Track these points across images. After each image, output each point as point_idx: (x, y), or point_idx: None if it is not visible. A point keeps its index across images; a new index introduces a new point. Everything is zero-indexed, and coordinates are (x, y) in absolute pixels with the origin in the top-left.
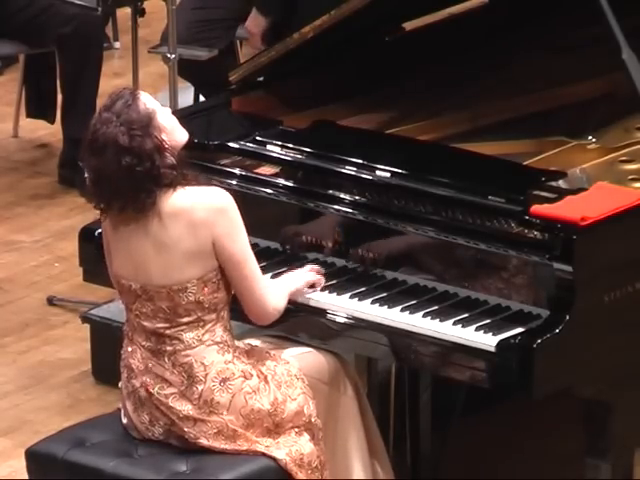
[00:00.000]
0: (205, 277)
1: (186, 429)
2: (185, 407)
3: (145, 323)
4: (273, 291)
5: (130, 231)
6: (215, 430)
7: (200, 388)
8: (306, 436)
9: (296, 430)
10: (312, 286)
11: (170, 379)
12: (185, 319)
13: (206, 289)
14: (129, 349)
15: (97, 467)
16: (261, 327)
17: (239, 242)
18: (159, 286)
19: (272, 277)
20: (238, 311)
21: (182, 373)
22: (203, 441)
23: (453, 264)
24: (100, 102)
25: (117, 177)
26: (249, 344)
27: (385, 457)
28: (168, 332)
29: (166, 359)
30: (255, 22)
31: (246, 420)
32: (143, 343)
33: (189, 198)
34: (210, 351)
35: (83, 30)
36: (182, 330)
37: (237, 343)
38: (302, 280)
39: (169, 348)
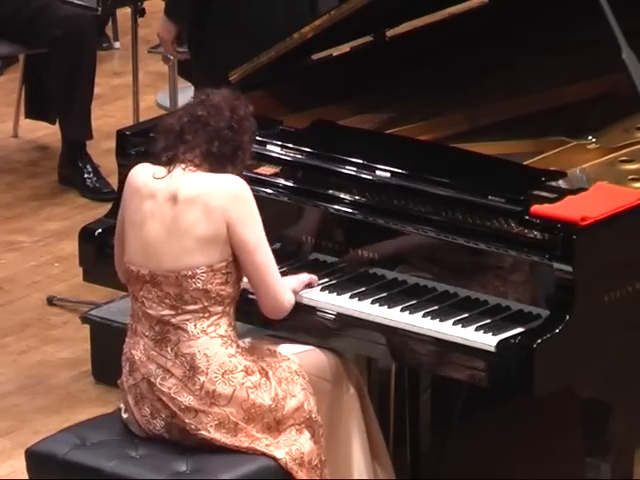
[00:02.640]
0: (215, 266)
1: (187, 420)
2: (186, 398)
3: (150, 311)
4: (285, 285)
5: (148, 216)
6: (216, 422)
7: (202, 379)
8: (306, 434)
9: (296, 427)
10: (309, 285)
11: (172, 369)
12: (191, 307)
13: (215, 279)
14: (131, 341)
15: (97, 467)
16: (271, 323)
17: (253, 229)
18: (168, 271)
19: None
20: (241, 311)
21: (184, 364)
22: (204, 433)
23: (453, 264)
24: (100, 103)
25: (220, 114)
26: (249, 342)
27: (386, 456)
28: (173, 321)
29: (169, 349)
30: (165, 28)
31: (247, 414)
32: (147, 333)
33: (206, 184)
34: (214, 343)
35: (75, 32)
36: (187, 320)
37: (239, 341)
38: (297, 281)
39: (173, 337)
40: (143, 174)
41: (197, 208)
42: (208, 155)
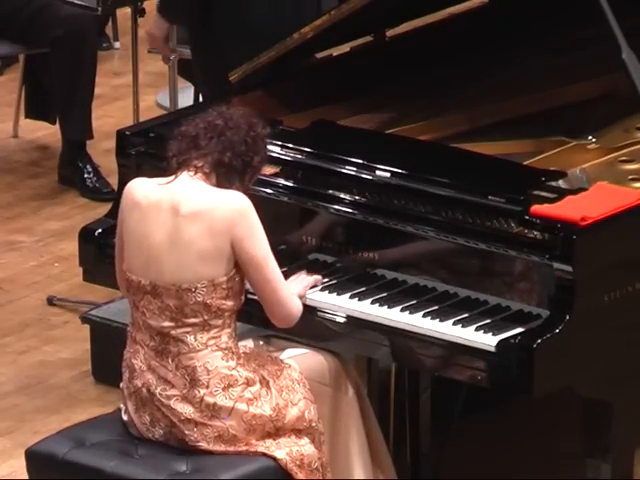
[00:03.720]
0: (216, 281)
1: (187, 432)
2: (187, 410)
3: (150, 321)
4: (294, 294)
5: (149, 228)
6: (216, 434)
7: (202, 392)
8: (306, 439)
9: (296, 434)
10: (313, 286)
11: (173, 381)
12: (191, 320)
13: (215, 294)
14: (131, 349)
15: (97, 467)
16: (271, 323)
17: (259, 244)
18: (169, 283)
19: None
20: (241, 311)
21: (185, 376)
22: (203, 444)
23: (453, 264)
24: (100, 103)
25: (236, 127)
26: (250, 347)
27: (387, 458)
28: (173, 333)
29: (170, 360)
30: (157, 26)
31: (247, 426)
32: (147, 342)
33: (209, 199)
34: (214, 356)
35: (76, 32)
36: (187, 332)
37: (239, 346)
38: (301, 285)
39: (173, 349)
40: (141, 188)
41: (200, 224)
42: (218, 165)
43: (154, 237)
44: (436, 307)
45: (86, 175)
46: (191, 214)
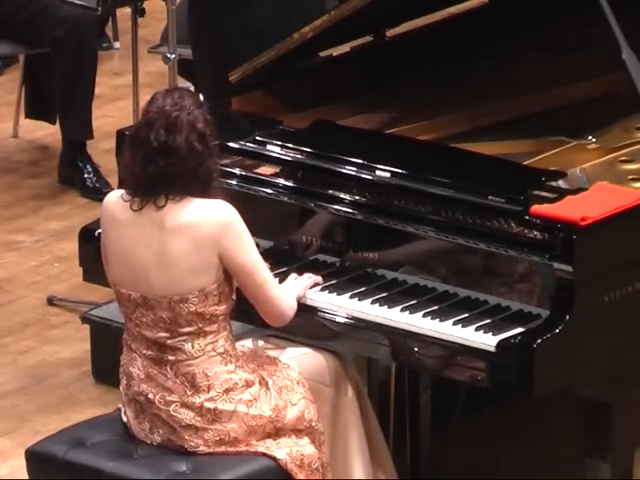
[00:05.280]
0: (207, 289)
1: (187, 437)
2: (187, 415)
3: (145, 332)
4: (285, 292)
5: (133, 241)
6: (217, 438)
7: (202, 397)
8: (306, 439)
9: (296, 434)
10: (313, 286)
11: (172, 388)
12: (186, 329)
13: (207, 301)
14: (128, 357)
15: (97, 467)
16: (275, 328)
17: (247, 252)
18: (160, 296)
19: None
20: (241, 311)
21: (185, 382)
22: (203, 449)
23: (453, 264)
24: (100, 103)
25: (185, 157)
26: (249, 348)
27: (388, 458)
28: (169, 342)
29: (168, 368)
30: None
31: (248, 427)
32: (144, 352)
33: (194, 213)
34: (213, 362)
35: (77, 32)
36: (183, 340)
37: (237, 346)
38: (301, 286)
39: (171, 358)
40: (118, 203)
41: (185, 238)
42: (186, 192)
43: (139, 252)
44: (436, 307)
45: (86, 175)
46: (176, 228)
